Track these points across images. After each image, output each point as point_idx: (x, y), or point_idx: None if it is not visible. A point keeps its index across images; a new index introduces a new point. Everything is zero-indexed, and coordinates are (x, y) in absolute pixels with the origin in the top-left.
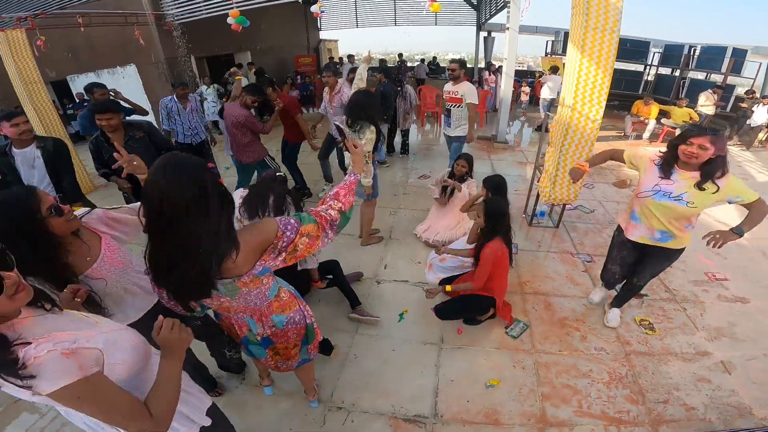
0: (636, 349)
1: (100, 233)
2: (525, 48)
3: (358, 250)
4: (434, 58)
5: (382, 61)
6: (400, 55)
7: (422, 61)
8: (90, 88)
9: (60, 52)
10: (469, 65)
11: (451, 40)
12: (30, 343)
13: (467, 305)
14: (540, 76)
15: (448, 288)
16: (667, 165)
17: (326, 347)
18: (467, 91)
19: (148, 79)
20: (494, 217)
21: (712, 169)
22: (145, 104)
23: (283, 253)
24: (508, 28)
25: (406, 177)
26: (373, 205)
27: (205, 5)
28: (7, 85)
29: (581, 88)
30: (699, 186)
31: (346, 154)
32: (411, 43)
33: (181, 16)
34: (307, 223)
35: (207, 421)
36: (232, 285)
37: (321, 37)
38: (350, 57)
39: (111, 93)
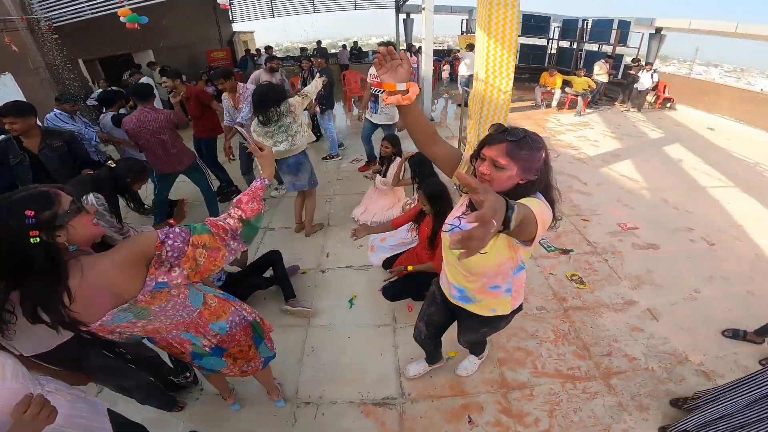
0: (572, 304)
1: None
2: (443, 29)
3: (297, 242)
4: (355, 42)
5: (303, 50)
6: (319, 42)
7: (344, 47)
8: None
9: None
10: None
11: (372, 24)
12: None
13: (412, 282)
14: (457, 53)
15: (410, 268)
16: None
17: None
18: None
19: (29, 87)
20: (436, 198)
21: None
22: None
23: (177, 268)
24: (423, 9)
25: (338, 163)
26: (314, 194)
27: (89, 5)
28: None
29: (491, 62)
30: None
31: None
32: (332, 29)
33: (61, 18)
34: (199, 233)
35: None
36: (134, 307)
37: (234, 30)
38: (268, 48)
39: None
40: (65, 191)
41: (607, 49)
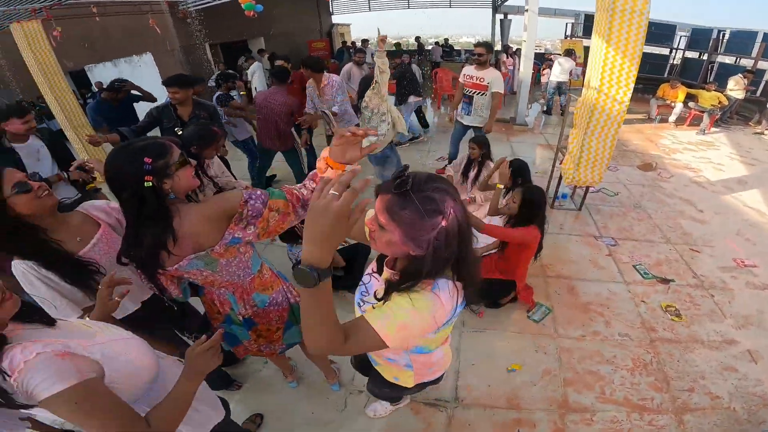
0: (662, 335)
1: (100, 221)
2: (542, 31)
3: None
4: (446, 40)
5: (397, 45)
6: (418, 38)
7: (437, 43)
8: (112, 87)
9: (77, 43)
10: None
11: (467, 23)
12: (16, 347)
13: (488, 289)
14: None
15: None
16: None
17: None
18: (495, 79)
19: (165, 67)
20: (532, 205)
21: (406, 276)
22: (163, 92)
23: (252, 226)
24: (527, 10)
25: (423, 159)
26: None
27: None
28: (27, 75)
29: (608, 70)
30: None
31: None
32: (424, 25)
33: (195, 3)
34: (276, 197)
35: None
36: (208, 257)
37: (333, 22)
38: (364, 42)
39: (117, 82)
40: (176, 144)
41: (746, 63)
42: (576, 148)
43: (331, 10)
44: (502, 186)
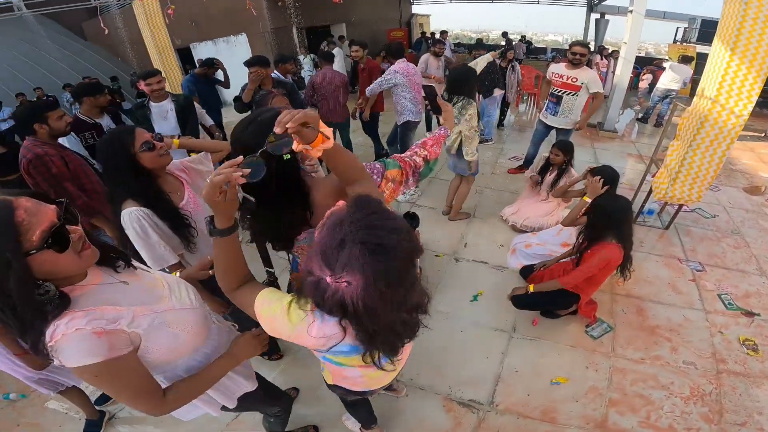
0: (731, 368)
1: (182, 179)
2: (644, 34)
3: (439, 224)
4: (523, 36)
5: (479, 41)
6: (505, 33)
7: (521, 39)
8: (209, 62)
9: (185, 22)
10: None
11: (554, 20)
12: (65, 316)
13: (548, 299)
14: (662, 62)
15: (531, 288)
16: None
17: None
18: (592, 79)
19: (256, 48)
20: (608, 215)
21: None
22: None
23: None
24: (630, 11)
25: (496, 157)
26: (471, 182)
27: None
28: (143, 51)
29: (729, 79)
30: None
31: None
32: (506, 21)
33: None
34: (391, 168)
35: (232, 404)
36: None
37: (413, 12)
38: (443, 33)
39: (214, 62)
40: None
41: None
42: (675, 161)
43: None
44: (589, 201)
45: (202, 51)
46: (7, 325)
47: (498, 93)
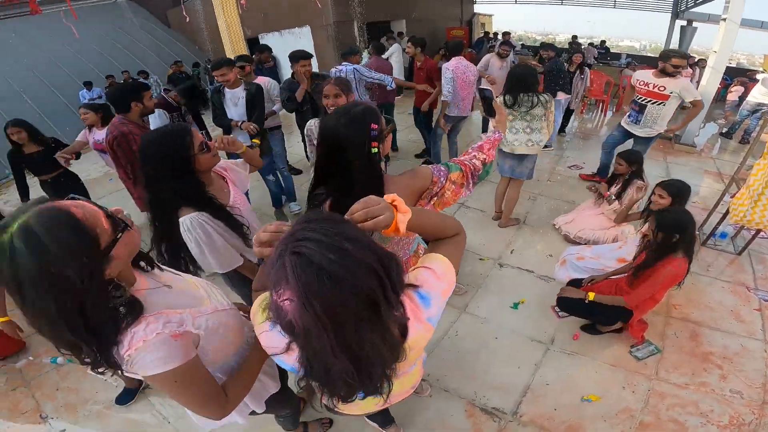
0: None
1: (226, 176)
2: (736, 43)
3: (487, 228)
4: (602, 42)
5: (575, 37)
6: (575, 37)
7: (591, 44)
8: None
9: (255, 12)
10: (650, 54)
11: (631, 25)
12: (141, 322)
13: (596, 311)
14: (755, 74)
15: (591, 296)
16: None
17: None
18: (685, 87)
19: (319, 40)
20: (682, 229)
21: None
22: (314, 64)
23: (434, 199)
24: (723, 19)
25: (554, 164)
26: (520, 186)
27: None
28: (218, 39)
29: None
30: None
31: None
32: (575, 24)
33: None
34: (454, 171)
35: (261, 409)
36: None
37: (475, 11)
38: (505, 34)
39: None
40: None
41: None
42: (759, 183)
43: None
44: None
45: (269, 41)
46: (80, 343)
47: (562, 97)
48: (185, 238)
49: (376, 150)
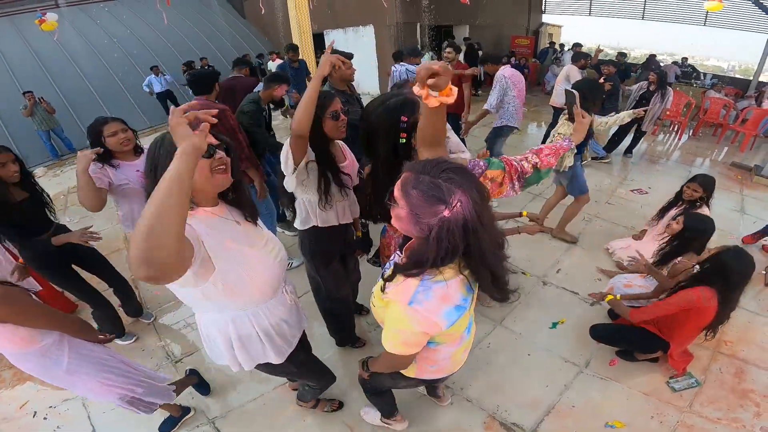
0: None
1: (341, 143)
2: None
3: (535, 244)
4: (685, 59)
5: (622, 55)
6: (653, 56)
7: (675, 62)
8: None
9: (323, 8)
10: (740, 75)
11: (716, 44)
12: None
13: (631, 338)
14: None
15: (609, 297)
16: None
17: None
18: None
19: (381, 40)
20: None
21: (411, 260)
22: (374, 65)
23: None
24: None
25: (615, 186)
26: (585, 199)
27: None
28: (288, 33)
29: None
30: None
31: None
32: (659, 38)
33: None
34: (494, 168)
35: (248, 367)
36: None
37: (543, 20)
38: (576, 45)
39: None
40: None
41: None
42: None
43: (543, 8)
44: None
45: (333, 37)
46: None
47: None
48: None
49: (404, 140)
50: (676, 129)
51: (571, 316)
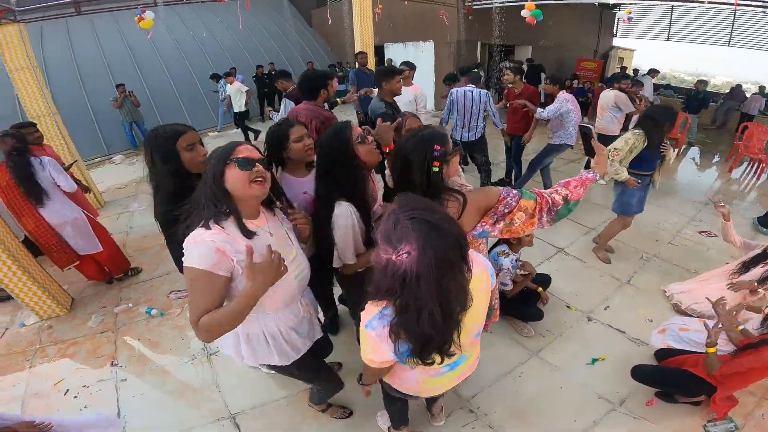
0: None
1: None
2: None
3: (585, 280)
4: (761, 88)
5: (703, 83)
6: (739, 86)
7: (761, 91)
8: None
9: (385, 22)
10: None
11: None
12: (214, 228)
13: (677, 381)
14: None
15: (712, 350)
16: None
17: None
18: None
19: (440, 57)
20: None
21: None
22: (431, 80)
23: (501, 223)
24: None
25: (682, 225)
26: (625, 222)
27: None
28: (351, 44)
29: None
30: None
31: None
32: (736, 66)
33: (479, 2)
34: (527, 198)
35: (252, 363)
36: None
37: (614, 44)
38: (653, 72)
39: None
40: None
41: None
42: None
43: (615, 31)
44: None
45: (393, 51)
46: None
47: None
48: (337, 223)
49: (437, 169)
50: (756, 167)
51: (614, 354)
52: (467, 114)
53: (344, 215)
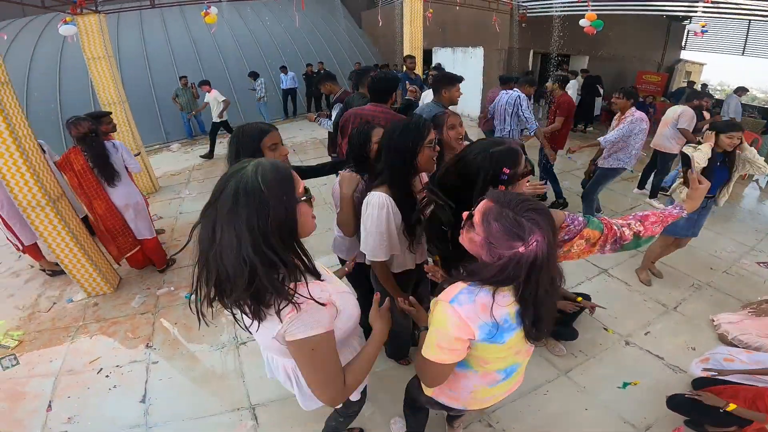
0: None
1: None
2: None
3: (627, 304)
4: None
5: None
6: None
7: None
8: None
9: (435, 26)
10: None
11: None
12: (308, 287)
13: (711, 412)
14: None
15: (732, 407)
16: None
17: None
18: None
19: (490, 64)
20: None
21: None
22: (478, 86)
23: (559, 249)
24: None
25: (740, 254)
26: (675, 243)
27: (561, 3)
28: (400, 47)
29: None
30: None
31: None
32: None
33: (534, 10)
34: (592, 227)
35: (355, 397)
36: None
37: (681, 57)
38: (740, 90)
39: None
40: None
41: None
42: None
43: (683, 43)
44: None
45: (441, 55)
46: (250, 269)
47: None
48: (365, 211)
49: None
50: None
51: (648, 379)
52: (498, 116)
53: (376, 204)
